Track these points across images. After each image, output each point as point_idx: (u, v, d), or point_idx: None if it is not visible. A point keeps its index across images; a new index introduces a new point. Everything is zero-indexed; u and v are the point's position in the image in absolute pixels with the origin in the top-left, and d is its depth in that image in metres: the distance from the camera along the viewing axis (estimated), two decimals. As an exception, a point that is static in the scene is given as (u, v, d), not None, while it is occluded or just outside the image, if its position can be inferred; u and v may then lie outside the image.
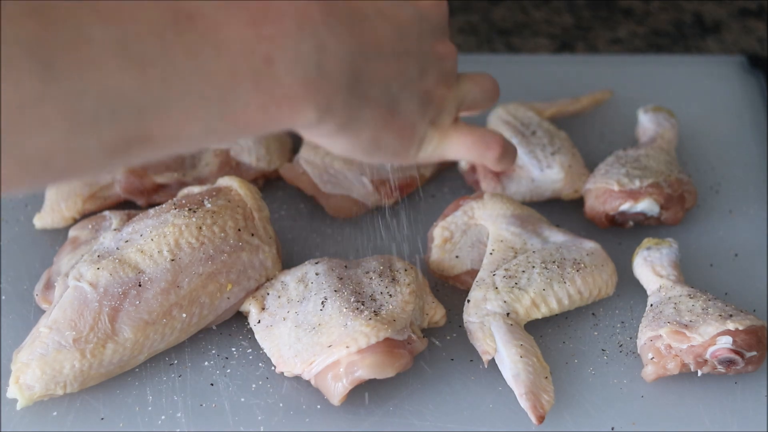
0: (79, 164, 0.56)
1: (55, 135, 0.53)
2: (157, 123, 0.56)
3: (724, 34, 1.32)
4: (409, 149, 0.70)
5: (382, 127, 0.67)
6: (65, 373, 0.81)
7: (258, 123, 0.60)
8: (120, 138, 0.55)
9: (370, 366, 0.80)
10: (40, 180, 0.55)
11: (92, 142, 0.55)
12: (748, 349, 0.82)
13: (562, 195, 1.01)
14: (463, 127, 0.72)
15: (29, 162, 0.53)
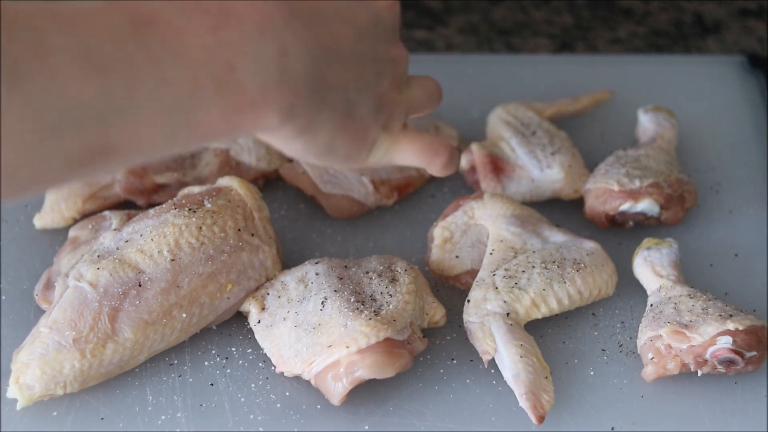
0: (43, 177, 0.55)
1: (17, 149, 0.52)
2: (119, 133, 0.55)
3: (724, 34, 1.32)
4: (360, 153, 0.70)
5: (337, 130, 0.67)
6: (65, 373, 0.81)
7: (220, 130, 0.59)
8: (83, 149, 0.55)
9: (370, 366, 0.80)
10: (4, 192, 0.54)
11: (56, 155, 0.54)
12: (748, 349, 0.82)
13: (562, 195, 1.01)
14: (413, 132, 0.72)
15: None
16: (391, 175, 1.00)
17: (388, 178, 1.00)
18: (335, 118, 0.66)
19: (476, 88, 1.15)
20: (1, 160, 0.52)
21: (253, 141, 1.01)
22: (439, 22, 1.33)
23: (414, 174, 1.02)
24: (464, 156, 1.02)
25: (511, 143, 1.02)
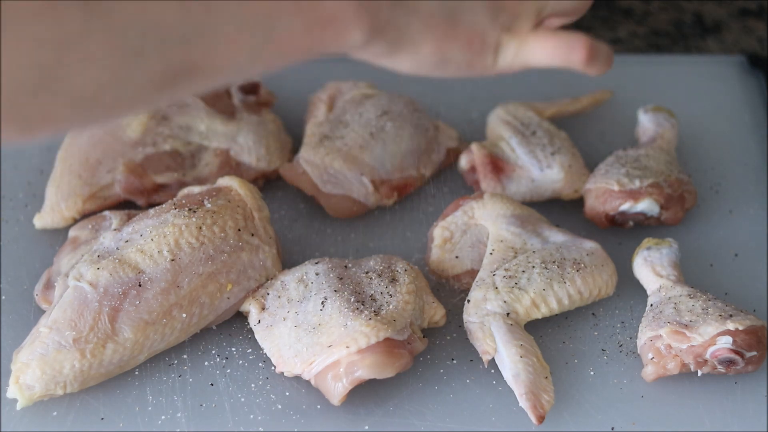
0: (128, 99, 0.55)
1: (102, 70, 0.53)
2: (202, 52, 0.56)
3: (724, 34, 1.32)
4: (483, 59, 0.67)
5: (443, 39, 0.65)
6: (65, 373, 0.81)
7: (304, 47, 0.59)
8: (166, 69, 0.55)
9: (370, 366, 0.80)
10: (91, 117, 0.55)
11: (139, 76, 0.54)
12: (748, 349, 0.82)
13: (562, 195, 1.01)
14: (544, 31, 0.69)
15: (78, 99, 0.53)
16: (391, 175, 1.00)
17: (388, 178, 1.00)
18: (435, 26, 0.64)
19: (476, 88, 1.15)
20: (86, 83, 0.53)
21: (253, 141, 1.01)
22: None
23: (414, 174, 1.02)
24: (464, 156, 1.02)
25: (511, 143, 1.02)
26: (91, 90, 0.53)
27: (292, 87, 1.11)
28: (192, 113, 1.01)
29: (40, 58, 0.51)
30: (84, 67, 0.52)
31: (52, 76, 0.52)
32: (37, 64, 0.51)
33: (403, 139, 1.02)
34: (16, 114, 0.52)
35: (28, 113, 0.53)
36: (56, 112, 0.53)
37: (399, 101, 1.05)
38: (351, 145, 1.00)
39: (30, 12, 0.50)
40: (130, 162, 0.98)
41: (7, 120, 0.52)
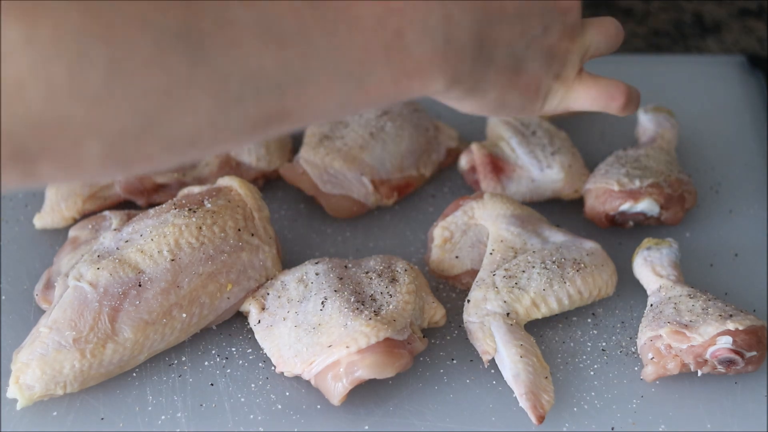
0: (222, 141, 0.58)
1: (202, 117, 0.55)
2: (295, 99, 0.58)
3: (724, 34, 1.32)
4: (534, 104, 0.72)
5: (507, 86, 0.69)
6: (65, 373, 0.81)
7: (390, 94, 0.62)
8: (261, 114, 0.58)
9: (370, 366, 0.80)
10: (185, 158, 0.58)
11: (235, 120, 0.57)
12: (748, 349, 0.82)
13: (562, 195, 1.01)
14: (587, 78, 0.74)
15: (176, 143, 0.56)
16: (391, 175, 1.00)
17: (388, 178, 1.00)
18: (503, 75, 0.68)
19: (476, 88, 1.15)
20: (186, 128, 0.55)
21: (253, 141, 1.01)
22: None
23: (414, 174, 1.02)
24: (464, 156, 1.02)
25: (511, 143, 1.02)
26: (189, 134, 0.56)
27: (292, 87, 1.11)
28: (192, 113, 1.01)
29: (146, 105, 0.54)
30: (185, 114, 0.55)
31: (155, 122, 0.54)
32: (142, 111, 0.54)
33: (403, 139, 1.02)
34: (119, 156, 0.55)
35: (129, 155, 0.55)
36: (155, 155, 0.56)
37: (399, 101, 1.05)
38: (351, 145, 1.00)
39: (141, 61, 0.52)
40: (130, 162, 0.98)
41: (110, 161, 0.55)
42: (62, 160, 0.53)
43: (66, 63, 0.51)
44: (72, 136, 0.53)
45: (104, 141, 0.54)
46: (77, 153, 0.53)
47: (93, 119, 0.53)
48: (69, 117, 0.52)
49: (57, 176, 0.55)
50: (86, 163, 0.54)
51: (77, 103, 0.52)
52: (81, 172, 0.55)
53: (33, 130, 0.52)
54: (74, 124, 0.52)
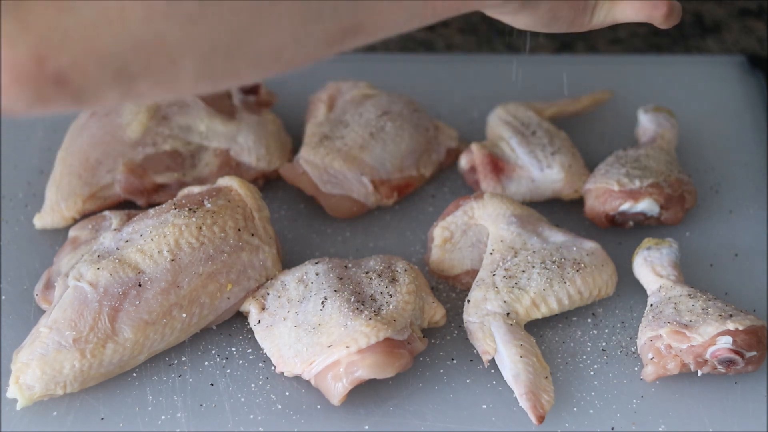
0: (303, 55, 0.62)
1: (285, 31, 0.59)
2: (368, 13, 0.63)
3: (724, 34, 1.32)
4: (583, 17, 0.77)
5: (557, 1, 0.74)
6: (65, 373, 0.81)
7: (453, 8, 0.68)
8: (338, 29, 0.62)
9: (370, 366, 0.80)
10: (268, 73, 0.62)
11: (315, 36, 0.61)
12: (748, 349, 0.82)
13: (562, 195, 1.01)
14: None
15: (262, 58, 0.60)
16: (391, 175, 1.00)
17: (388, 178, 1.00)
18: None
19: (476, 88, 1.15)
20: (271, 44, 0.59)
21: (253, 141, 1.01)
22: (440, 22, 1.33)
23: (414, 174, 1.02)
24: (464, 156, 1.02)
25: (511, 143, 1.02)
26: (274, 50, 0.60)
27: (292, 87, 1.11)
28: (192, 113, 1.01)
29: (235, 22, 0.57)
30: (271, 30, 0.59)
31: (244, 38, 0.58)
32: (232, 29, 0.57)
33: (403, 139, 1.02)
34: (210, 73, 0.59)
35: (220, 72, 0.59)
36: (242, 71, 0.60)
37: (399, 101, 1.05)
38: (351, 145, 1.00)
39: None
40: (130, 162, 0.98)
41: (202, 78, 0.58)
42: (159, 78, 0.57)
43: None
44: (168, 55, 0.56)
45: (198, 58, 0.57)
46: (173, 71, 0.57)
47: (188, 38, 0.56)
48: (166, 36, 0.56)
49: (154, 93, 0.58)
50: (181, 80, 0.58)
51: (173, 22, 0.55)
52: (177, 89, 0.59)
53: (133, 51, 0.55)
54: (171, 44, 0.56)
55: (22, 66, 0.53)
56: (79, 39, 0.54)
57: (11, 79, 0.54)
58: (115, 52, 0.55)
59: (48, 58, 0.54)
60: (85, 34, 0.54)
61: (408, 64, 1.18)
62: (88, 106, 0.58)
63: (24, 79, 0.54)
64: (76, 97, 0.56)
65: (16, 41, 0.53)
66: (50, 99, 0.55)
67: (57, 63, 0.54)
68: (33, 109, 0.56)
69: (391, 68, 1.16)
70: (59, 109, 0.57)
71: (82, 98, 0.56)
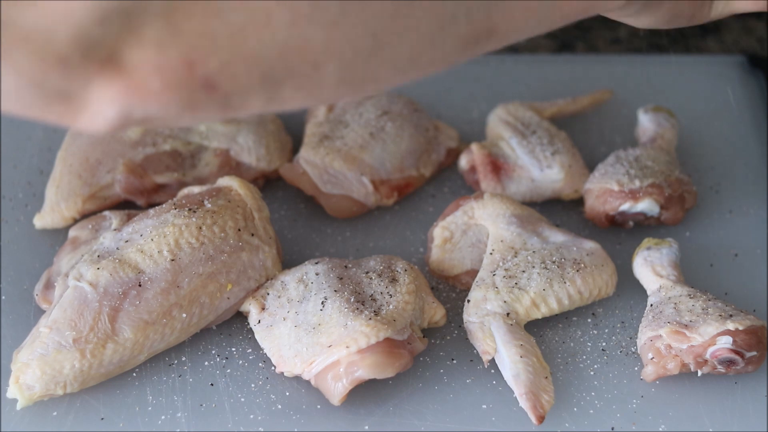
0: (440, 59, 0.62)
1: (423, 34, 0.59)
2: (502, 17, 0.62)
3: (724, 34, 1.32)
4: (702, 10, 0.77)
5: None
6: (65, 373, 0.81)
7: (581, 8, 0.68)
8: (472, 33, 0.61)
9: (370, 366, 0.80)
10: (406, 78, 0.62)
11: (450, 39, 0.61)
12: (748, 349, 0.82)
13: (562, 195, 1.01)
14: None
15: (400, 62, 0.60)
16: (391, 175, 1.00)
17: (388, 178, 1.00)
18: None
19: (476, 88, 1.15)
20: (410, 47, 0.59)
21: (253, 141, 1.01)
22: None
23: (414, 174, 1.02)
24: (464, 156, 1.02)
25: (511, 143, 1.02)
26: (411, 54, 0.59)
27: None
28: (192, 113, 1.01)
29: (376, 26, 0.57)
30: (409, 33, 0.58)
31: (383, 43, 0.58)
32: (373, 32, 0.57)
33: (403, 139, 1.02)
34: (352, 78, 0.58)
35: (361, 77, 0.59)
36: (382, 75, 0.60)
37: (399, 101, 1.05)
38: (351, 145, 1.00)
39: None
40: (130, 162, 0.98)
41: (344, 83, 0.58)
42: (303, 84, 0.57)
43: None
44: (312, 60, 0.56)
45: (340, 63, 0.57)
46: (317, 76, 0.57)
47: (330, 41, 0.56)
48: (310, 41, 0.55)
49: (297, 99, 0.58)
50: (324, 85, 0.57)
51: (317, 27, 0.55)
52: (319, 94, 0.58)
53: (279, 55, 0.55)
54: (314, 48, 0.55)
55: (173, 71, 0.52)
56: (228, 43, 0.53)
57: (164, 85, 0.53)
58: (262, 57, 0.54)
59: (198, 63, 0.53)
60: (233, 39, 0.53)
61: (408, 64, 1.18)
62: (234, 112, 0.57)
63: (176, 85, 0.53)
64: (224, 103, 0.55)
65: (167, 46, 0.52)
66: (200, 105, 0.55)
67: (206, 68, 0.53)
68: (183, 115, 0.55)
69: (391, 68, 1.16)
70: (207, 115, 0.56)
71: (230, 104, 0.56)
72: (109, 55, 0.52)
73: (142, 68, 0.52)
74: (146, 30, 0.51)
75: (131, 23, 0.51)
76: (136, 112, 0.54)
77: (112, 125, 0.54)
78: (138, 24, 0.51)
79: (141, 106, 0.54)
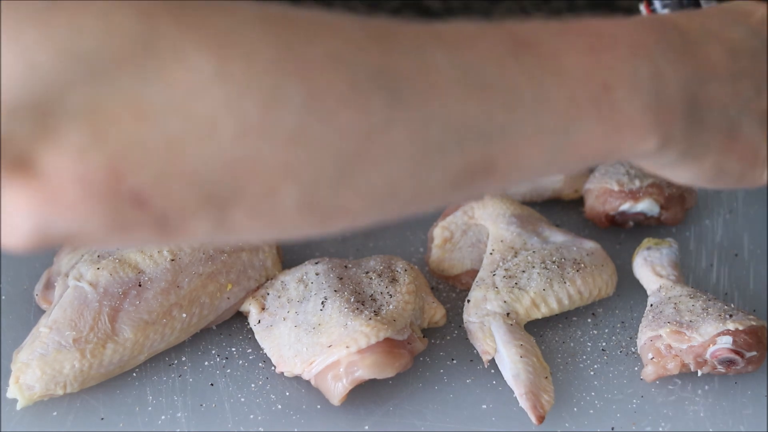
0: (424, 196, 0.54)
1: (402, 165, 0.51)
2: (500, 152, 0.54)
3: (724, 34, 1.31)
4: (754, 171, 0.67)
5: (724, 151, 0.64)
6: (65, 373, 0.81)
7: (599, 152, 0.58)
8: (465, 168, 0.53)
9: (370, 366, 0.80)
10: (384, 213, 0.54)
11: (438, 172, 0.53)
12: (748, 349, 0.82)
13: (562, 195, 1.01)
14: None
15: (375, 193, 0.52)
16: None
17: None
18: (718, 139, 0.63)
19: (476, 88, 1.15)
20: (386, 177, 0.51)
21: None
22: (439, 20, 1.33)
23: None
24: (464, 156, 1.02)
25: (511, 143, 1.02)
26: (389, 184, 0.52)
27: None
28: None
29: (343, 149, 0.50)
30: (385, 161, 0.51)
31: (354, 167, 0.50)
32: (340, 155, 0.50)
33: (403, 139, 1.02)
34: (316, 206, 0.51)
35: (326, 205, 0.51)
36: (353, 205, 0.52)
37: (399, 101, 1.05)
38: (351, 145, 1.00)
39: (337, 99, 0.49)
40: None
41: (307, 211, 0.51)
42: (256, 207, 0.49)
43: (259, 100, 0.47)
44: (266, 180, 0.48)
45: (300, 186, 0.49)
46: (272, 199, 0.49)
47: (287, 161, 0.48)
48: (262, 158, 0.48)
49: (253, 228, 0.50)
50: (282, 211, 0.50)
51: (271, 142, 0.48)
52: (276, 222, 0.51)
53: (225, 173, 0.47)
54: (268, 166, 0.48)
55: (96, 181, 0.45)
56: (162, 155, 0.46)
57: (84, 196, 0.46)
58: (204, 173, 0.47)
59: (125, 174, 0.46)
60: (168, 150, 0.46)
61: (408, 64, 1.18)
62: (175, 236, 0.49)
63: (98, 197, 0.46)
64: (160, 223, 0.48)
65: (89, 151, 0.45)
66: (129, 223, 0.47)
67: (135, 180, 0.46)
68: (112, 234, 0.48)
69: (391, 68, 1.16)
70: (142, 237, 0.49)
71: (168, 226, 0.48)
72: (20, 156, 0.45)
73: (60, 175, 0.45)
74: (64, 131, 0.45)
75: (46, 122, 0.45)
76: (56, 227, 0.47)
77: (31, 242, 0.47)
78: (55, 124, 0.45)
79: (60, 220, 0.47)
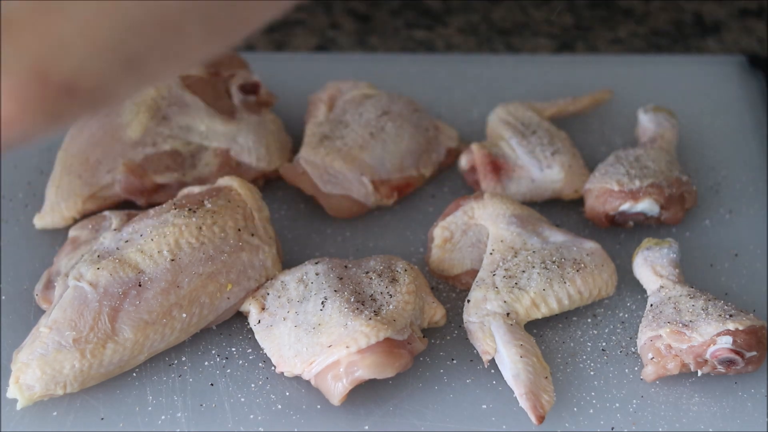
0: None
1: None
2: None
3: (724, 34, 1.32)
4: None
5: None
6: (65, 373, 0.81)
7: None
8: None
9: (370, 366, 0.80)
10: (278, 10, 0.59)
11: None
12: (748, 349, 0.82)
13: (562, 195, 1.01)
14: None
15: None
16: (391, 175, 1.00)
17: (388, 178, 1.00)
18: None
19: (476, 88, 1.15)
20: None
21: (253, 141, 1.01)
22: (439, 22, 1.33)
23: (414, 174, 1.02)
24: (464, 156, 1.02)
25: (511, 143, 1.02)
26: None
27: (292, 87, 1.11)
28: (192, 113, 1.01)
29: None
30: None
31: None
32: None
33: (403, 139, 1.02)
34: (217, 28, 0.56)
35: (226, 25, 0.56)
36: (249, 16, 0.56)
37: (399, 101, 1.05)
38: (351, 145, 1.00)
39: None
40: (130, 162, 0.98)
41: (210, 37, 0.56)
42: (170, 52, 0.54)
43: None
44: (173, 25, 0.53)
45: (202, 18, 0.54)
46: (182, 39, 0.54)
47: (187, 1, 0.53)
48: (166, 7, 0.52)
49: (167, 69, 0.55)
50: (190, 46, 0.54)
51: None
52: (186, 57, 0.55)
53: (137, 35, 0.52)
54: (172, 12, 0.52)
55: (26, 89, 0.49)
56: (78, 41, 0.50)
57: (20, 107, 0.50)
58: (119, 42, 0.51)
59: (51, 72, 0.50)
60: (83, 35, 0.50)
61: (408, 64, 1.18)
62: (106, 105, 0.54)
63: (34, 102, 0.50)
64: (92, 99, 0.52)
65: (13, 65, 0.49)
66: (65, 110, 0.51)
67: (61, 72, 0.50)
68: (53, 126, 0.52)
69: (391, 68, 1.16)
70: (79, 116, 0.53)
71: (98, 98, 0.53)
72: None
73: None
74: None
75: None
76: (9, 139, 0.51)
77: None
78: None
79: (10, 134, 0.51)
